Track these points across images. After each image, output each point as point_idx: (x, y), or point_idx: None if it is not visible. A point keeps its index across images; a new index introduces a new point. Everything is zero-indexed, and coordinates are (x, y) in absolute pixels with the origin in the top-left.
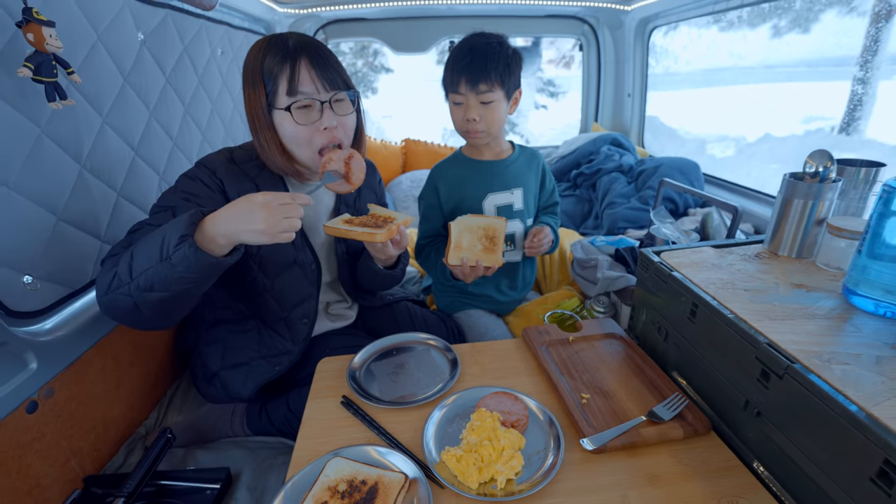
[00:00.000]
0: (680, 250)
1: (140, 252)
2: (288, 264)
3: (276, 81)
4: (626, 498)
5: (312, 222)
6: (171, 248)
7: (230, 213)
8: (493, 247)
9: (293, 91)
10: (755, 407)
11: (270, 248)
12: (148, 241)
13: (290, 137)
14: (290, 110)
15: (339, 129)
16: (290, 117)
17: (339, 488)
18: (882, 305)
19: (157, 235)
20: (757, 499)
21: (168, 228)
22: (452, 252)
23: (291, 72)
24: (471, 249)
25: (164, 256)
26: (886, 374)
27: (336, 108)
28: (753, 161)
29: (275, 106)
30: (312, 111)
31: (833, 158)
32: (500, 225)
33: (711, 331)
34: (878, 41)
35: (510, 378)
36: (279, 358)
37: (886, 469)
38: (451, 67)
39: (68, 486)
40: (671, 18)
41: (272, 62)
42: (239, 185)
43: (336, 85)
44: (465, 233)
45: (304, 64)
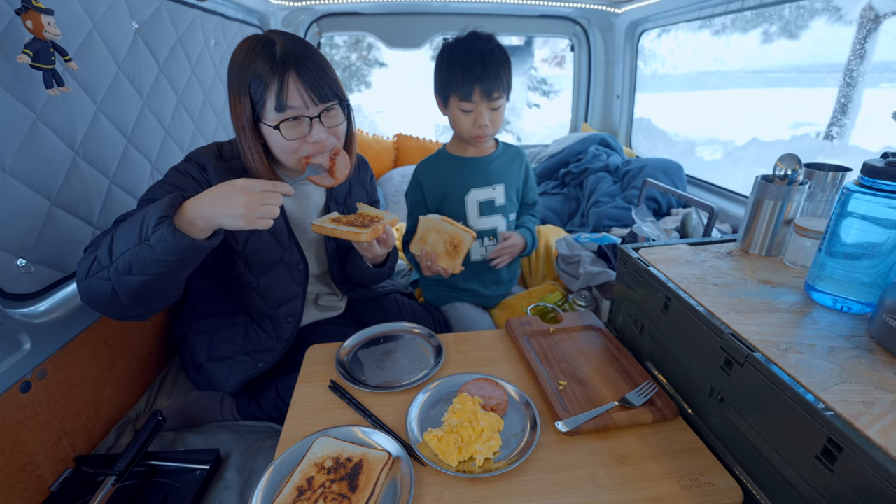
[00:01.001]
0: (657, 247)
1: (120, 235)
2: (274, 263)
3: (264, 95)
4: (595, 476)
5: (301, 220)
6: (150, 229)
7: (210, 196)
8: (455, 253)
9: (281, 107)
10: (719, 393)
11: (256, 245)
12: (128, 224)
13: (277, 148)
14: (278, 128)
15: (328, 142)
16: (278, 133)
17: (326, 465)
18: (839, 301)
19: (138, 218)
20: (716, 477)
21: (148, 210)
22: (416, 242)
23: (280, 86)
24: (433, 248)
25: (142, 238)
26: (837, 363)
27: (326, 120)
28: (740, 164)
29: (262, 120)
30: (301, 125)
31: (801, 162)
32: (465, 238)
33: (682, 323)
34: (863, 50)
35: (492, 366)
36: (262, 354)
37: (830, 447)
38: (462, 75)
39: (60, 464)
40: (660, 22)
41: (260, 72)
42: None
43: (326, 97)
44: (432, 232)
45: (293, 78)
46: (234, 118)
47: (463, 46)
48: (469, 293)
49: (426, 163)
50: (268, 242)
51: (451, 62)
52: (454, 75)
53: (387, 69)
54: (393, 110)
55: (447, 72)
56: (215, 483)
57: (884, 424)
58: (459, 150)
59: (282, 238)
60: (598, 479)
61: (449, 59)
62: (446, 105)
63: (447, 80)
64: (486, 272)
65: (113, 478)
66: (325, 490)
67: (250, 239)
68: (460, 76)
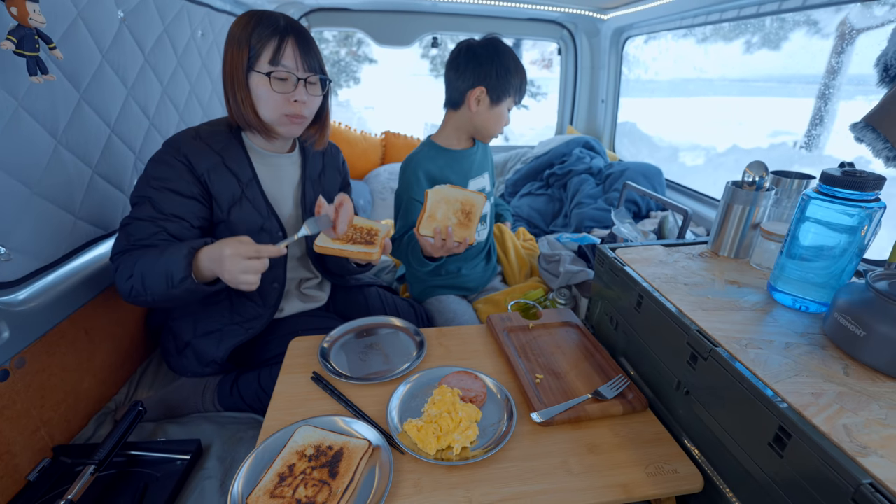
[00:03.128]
0: (633, 248)
1: (149, 279)
2: (256, 230)
3: (261, 50)
4: (566, 463)
5: (276, 192)
6: (175, 283)
7: (209, 256)
8: (468, 222)
9: (276, 62)
10: (685, 387)
11: (239, 214)
12: (155, 271)
13: (262, 99)
14: (269, 76)
15: (307, 106)
16: (267, 82)
17: (307, 452)
18: (798, 301)
19: (161, 268)
20: (680, 465)
21: (171, 265)
22: (426, 221)
23: (278, 45)
24: (444, 222)
25: (169, 287)
26: (791, 358)
27: (309, 88)
28: (720, 170)
29: (254, 69)
30: (288, 84)
31: (767, 169)
32: (478, 200)
33: (653, 320)
34: (839, 63)
35: (472, 359)
36: (251, 323)
37: (780, 434)
38: (521, 82)
39: (38, 454)
40: (643, 30)
41: (262, 33)
42: (204, 159)
43: (313, 68)
44: (441, 204)
45: (291, 42)
46: (229, 68)
47: (513, 53)
48: (455, 278)
49: (423, 157)
50: (249, 212)
51: (514, 67)
52: (515, 80)
53: (376, 65)
54: (381, 107)
55: (512, 74)
56: (196, 473)
57: (829, 414)
58: (452, 144)
59: (260, 208)
60: (569, 466)
61: (510, 63)
62: (497, 102)
63: (510, 82)
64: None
65: (92, 467)
66: (305, 477)
67: (233, 209)
68: (521, 81)
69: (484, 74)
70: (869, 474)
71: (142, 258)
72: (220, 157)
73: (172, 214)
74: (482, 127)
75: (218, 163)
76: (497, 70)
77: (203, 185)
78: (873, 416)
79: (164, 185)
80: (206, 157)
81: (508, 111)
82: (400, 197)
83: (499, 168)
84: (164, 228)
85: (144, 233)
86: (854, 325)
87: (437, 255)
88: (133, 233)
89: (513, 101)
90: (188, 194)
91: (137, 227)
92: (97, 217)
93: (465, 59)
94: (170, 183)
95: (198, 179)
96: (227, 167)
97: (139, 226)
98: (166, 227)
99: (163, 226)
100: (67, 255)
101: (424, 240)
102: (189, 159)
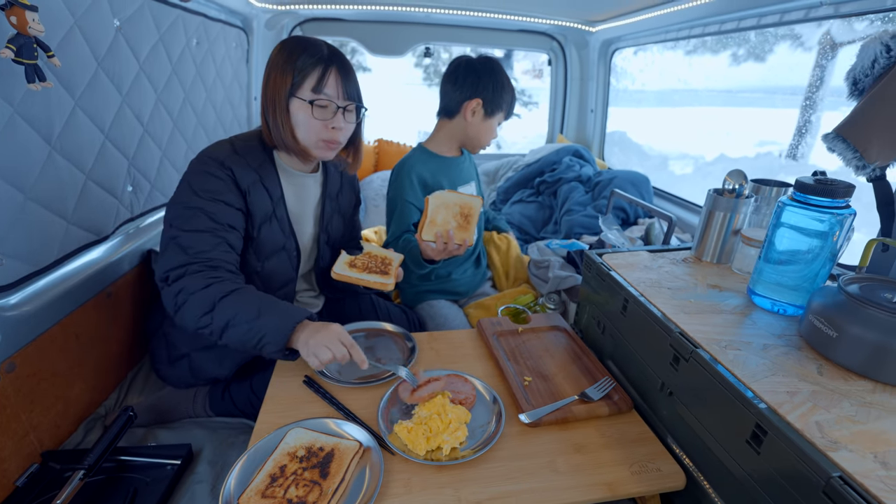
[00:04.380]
0: (620, 253)
1: (234, 330)
2: (278, 249)
3: (305, 77)
4: (553, 463)
5: (299, 211)
6: (262, 349)
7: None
8: (467, 224)
9: (318, 90)
10: (669, 388)
11: (267, 233)
12: (246, 327)
13: (301, 124)
14: (312, 104)
15: (343, 132)
16: (308, 109)
17: (298, 454)
18: (776, 304)
19: (256, 329)
20: (663, 463)
21: (269, 333)
22: (427, 227)
23: (322, 74)
24: (444, 226)
25: (256, 349)
26: (769, 358)
27: (346, 116)
28: (709, 179)
29: (297, 95)
30: (328, 111)
31: (746, 177)
32: (475, 203)
33: (638, 323)
34: (822, 76)
35: (462, 363)
36: None
37: (757, 432)
38: (512, 98)
39: (26, 460)
40: (630, 42)
41: (306, 61)
42: (247, 174)
43: (352, 97)
44: (441, 209)
45: (334, 72)
46: (271, 92)
47: (507, 74)
48: (447, 282)
49: (415, 162)
50: (276, 231)
51: (507, 85)
52: (507, 97)
53: (371, 74)
54: (375, 115)
55: (506, 90)
56: (186, 477)
57: (802, 411)
58: (443, 151)
59: (284, 228)
60: (556, 466)
61: (505, 80)
62: (489, 116)
63: (504, 98)
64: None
65: (81, 472)
66: (297, 477)
67: (263, 226)
68: (512, 99)
69: (482, 88)
70: (838, 468)
71: (229, 303)
72: (258, 174)
73: (229, 225)
74: (474, 137)
75: (256, 180)
76: (493, 85)
77: (244, 200)
78: (844, 413)
79: (215, 196)
80: (248, 173)
81: (498, 125)
82: (393, 201)
83: (490, 176)
84: (224, 239)
85: (206, 245)
86: (827, 326)
87: (439, 258)
88: (191, 244)
89: (503, 116)
90: (237, 206)
91: (196, 239)
92: (90, 222)
93: (463, 72)
94: (220, 195)
95: (241, 194)
96: (263, 185)
97: (198, 238)
98: (226, 237)
99: (223, 237)
100: (59, 259)
101: (426, 244)
102: (234, 173)
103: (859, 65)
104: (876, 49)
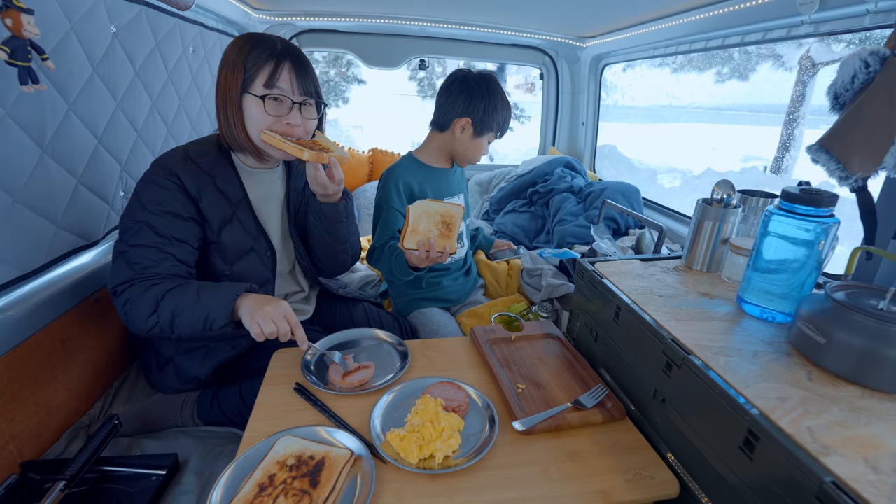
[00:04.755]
0: (612, 262)
1: (182, 319)
2: (245, 251)
3: (257, 72)
4: (547, 471)
5: (267, 212)
6: (214, 328)
7: (256, 306)
8: (449, 233)
9: (271, 85)
10: (661, 395)
11: (229, 236)
12: (191, 314)
13: (254, 121)
14: (264, 99)
15: (301, 128)
16: (261, 105)
17: (288, 462)
18: (765, 311)
19: (200, 312)
20: (657, 471)
21: (212, 311)
22: (409, 236)
23: (274, 69)
24: (427, 234)
25: (206, 330)
26: (759, 365)
27: (304, 111)
28: (696, 192)
29: (249, 91)
30: (282, 106)
31: (734, 187)
32: (456, 211)
33: (630, 330)
34: (803, 94)
35: (455, 371)
36: (238, 340)
37: (750, 438)
38: (505, 120)
39: (5, 470)
40: (620, 58)
41: (258, 56)
42: (195, 179)
43: (309, 92)
44: (423, 217)
45: (288, 66)
46: (223, 88)
47: (503, 92)
48: (438, 290)
49: (403, 170)
50: (239, 232)
51: (502, 105)
52: (500, 118)
53: (365, 86)
54: (369, 127)
55: (498, 111)
56: (172, 488)
57: (794, 416)
58: (432, 162)
59: (250, 229)
60: (549, 474)
61: (499, 101)
62: (478, 135)
63: (495, 119)
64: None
65: (62, 483)
66: (286, 486)
67: (223, 230)
68: (504, 119)
69: (472, 107)
70: (831, 473)
71: (170, 297)
72: (211, 177)
73: (175, 238)
74: (461, 153)
75: (208, 183)
76: (485, 106)
77: (196, 206)
78: (834, 418)
79: (161, 208)
80: (197, 178)
81: (488, 143)
82: (379, 207)
83: (483, 186)
84: (170, 254)
85: (150, 260)
86: (815, 333)
87: (422, 265)
88: (137, 260)
89: (494, 135)
90: (186, 216)
91: (141, 255)
92: (79, 227)
93: (458, 88)
94: (167, 206)
95: (192, 200)
96: (217, 188)
97: (143, 253)
98: (173, 252)
99: (169, 251)
100: (47, 264)
101: (409, 252)
102: (181, 180)
103: (840, 80)
104: (855, 65)
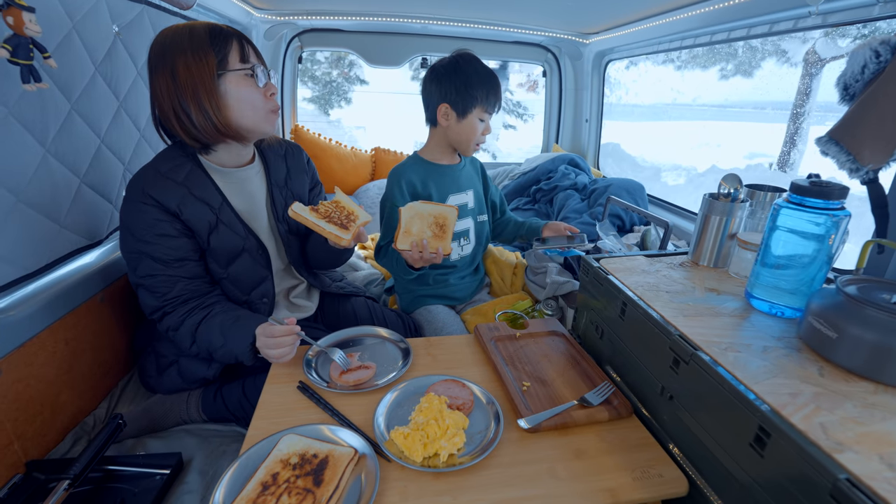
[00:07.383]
0: (617, 258)
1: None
2: (237, 252)
3: (226, 50)
4: (553, 469)
5: (250, 211)
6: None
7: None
8: (443, 234)
9: (245, 59)
10: (669, 392)
11: (217, 240)
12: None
13: (244, 98)
14: (252, 71)
15: (277, 93)
16: (246, 80)
17: (291, 461)
18: (774, 307)
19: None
20: (665, 469)
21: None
22: (402, 237)
23: (241, 45)
24: (420, 236)
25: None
26: (769, 360)
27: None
28: (701, 189)
29: (228, 69)
30: (260, 78)
31: (741, 182)
32: (449, 213)
33: (637, 327)
34: (808, 91)
35: (460, 368)
36: None
37: (761, 434)
38: (488, 90)
39: (9, 469)
40: (623, 54)
41: (219, 37)
42: (172, 194)
43: (264, 62)
44: (416, 219)
45: (246, 42)
46: (186, 82)
47: (479, 65)
48: (443, 288)
49: (406, 168)
50: (227, 236)
51: (477, 77)
52: (482, 89)
53: (367, 86)
54: (372, 127)
55: (475, 86)
56: (176, 487)
57: (805, 413)
58: (436, 158)
59: (237, 230)
60: (555, 472)
61: (472, 74)
62: (463, 115)
63: (474, 93)
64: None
65: (66, 482)
66: (289, 485)
67: (211, 236)
68: (486, 90)
69: (444, 91)
70: (845, 470)
71: (201, 335)
72: (186, 187)
73: (174, 259)
74: (456, 140)
75: (185, 194)
76: (456, 85)
77: (180, 221)
78: (848, 414)
79: (150, 233)
80: (174, 192)
81: (481, 121)
82: (383, 205)
83: None
84: (176, 275)
85: (164, 287)
86: (827, 327)
87: (417, 265)
88: (157, 290)
89: (483, 110)
90: (175, 234)
91: (154, 284)
92: (83, 226)
93: (429, 79)
94: (154, 229)
95: (174, 216)
96: (195, 197)
97: (155, 282)
98: (179, 274)
99: (175, 274)
100: (51, 263)
101: (405, 252)
102: (157, 199)
103: (849, 70)
104: (866, 55)
